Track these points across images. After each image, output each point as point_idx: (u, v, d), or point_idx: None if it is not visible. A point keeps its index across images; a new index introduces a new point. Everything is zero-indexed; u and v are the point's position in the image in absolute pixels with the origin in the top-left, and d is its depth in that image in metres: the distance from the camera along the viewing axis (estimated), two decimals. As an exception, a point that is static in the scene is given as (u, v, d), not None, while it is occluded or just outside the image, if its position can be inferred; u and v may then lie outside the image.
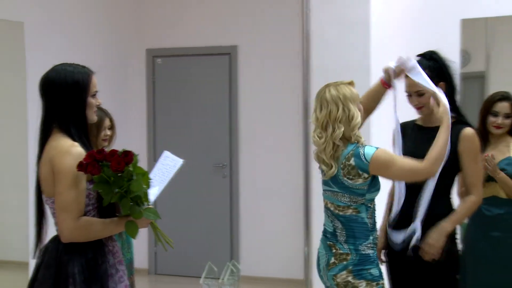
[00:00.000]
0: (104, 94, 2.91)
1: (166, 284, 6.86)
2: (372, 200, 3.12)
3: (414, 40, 6.01)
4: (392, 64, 3.38)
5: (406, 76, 3.35)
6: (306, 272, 6.08)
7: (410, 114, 3.55)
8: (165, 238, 2.95)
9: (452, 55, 5.60)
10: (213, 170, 6.90)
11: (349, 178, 3.03)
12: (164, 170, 3.16)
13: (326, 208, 3.22)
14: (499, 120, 4.04)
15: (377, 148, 3.05)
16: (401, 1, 6.15)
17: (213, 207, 6.93)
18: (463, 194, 3.48)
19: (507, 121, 4.04)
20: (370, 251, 3.07)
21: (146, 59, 7.10)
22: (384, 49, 5.93)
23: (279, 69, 6.65)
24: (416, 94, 3.33)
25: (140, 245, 6.93)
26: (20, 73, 5.48)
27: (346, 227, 3.09)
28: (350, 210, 3.08)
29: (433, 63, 3.35)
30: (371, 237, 3.10)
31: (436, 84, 3.27)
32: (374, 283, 3.05)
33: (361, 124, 3.13)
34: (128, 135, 6.92)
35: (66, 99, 2.75)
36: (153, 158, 6.88)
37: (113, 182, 2.60)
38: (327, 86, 3.13)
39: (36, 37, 5.66)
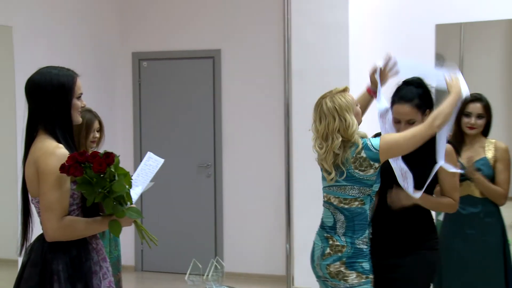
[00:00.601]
0: (91, 97, 2.96)
1: (152, 281, 6.90)
2: (375, 193, 3.24)
3: (391, 43, 6.15)
4: (379, 63, 3.45)
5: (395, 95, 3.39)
6: (287, 268, 6.18)
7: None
8: (149, 236, 2.96)
9: (427, 59, 5.79)
10: (198, 169, 6.98)
11: (361, 170, 3.16)
12: (147, 170, 3.19)
13: (328, 203, 3.30)
14: (472, 120, 4.10)
15: (379, 137, 3.22)
16: (378, 6, 6.27)
17: (198, 206, 6.98)
18: (437, 193, 3.54)
19: (480, 122, 4.11)
20: (364, 246, 3.20)
21: (132, 62, 7.15)
22: (362, 52, 6.07)
23: (261, 72, 6.71)
24: (406, 122, 3.33)
25: (127, 243, 6.99)
26: (9, 75, 5.52)
27: (348, 220, 3.21)
28: (357, 203, 3.20)
29: (421, 90, 3.34)
30: (367, 231, 3.22)
31: (424, 112, 3.30)
32: (364, 276, 3.17)
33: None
34: (114, 136, 6.99)
35: (51, 101, 2.77)
36: (139, 159, 6.90)
37: (95, 183, 2.62)
38: (324, 97, 3.26)
39: (24, 41, 5.69)
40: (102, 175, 2.62)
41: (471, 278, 4.09)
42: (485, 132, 4.19)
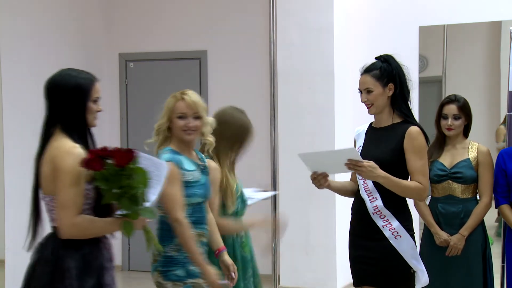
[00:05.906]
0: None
1: (139, 280, 6.92)
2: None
3: (374, 46, 6.22)
4: None
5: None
6: (273, 267, 6.25)
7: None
8: (155, 243, 3.01)
9: (410, 60, 5.89)
10: (184, 170, 7.04)
11: None
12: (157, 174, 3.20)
13: None
14: (449, 121, 4.12)
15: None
16: (362, 9, 6.36)
17: (185, 206, 7.05)
18: None
19: (457, 123, 4.14)
20: (175, 253, 3.22)
21: (119, 63, 7.17)
22: (347, 54, 6.15)
23: (246, 73, 6.76)
24: (365, 91, 3.43)
25: (114, 242, 7.04)
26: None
27: (158, 228, 3.30)
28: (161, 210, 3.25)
29: (386, 65, 3.42)
30: (175, 239, 3.23)
31: (386, 84, 3.40)
32: (180, 283, 3.19)
33: None
34: (101, 137, 6.97)
35: (67, 101, 2.83)
36: (126, 159, 6.96)
37: (113, 179, 2.65)
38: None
39: (10, 44, 5.68)
40: (120, 172, 2.65)
41: (452, 277, 4.12)
42: (466, 132, 4.24)
